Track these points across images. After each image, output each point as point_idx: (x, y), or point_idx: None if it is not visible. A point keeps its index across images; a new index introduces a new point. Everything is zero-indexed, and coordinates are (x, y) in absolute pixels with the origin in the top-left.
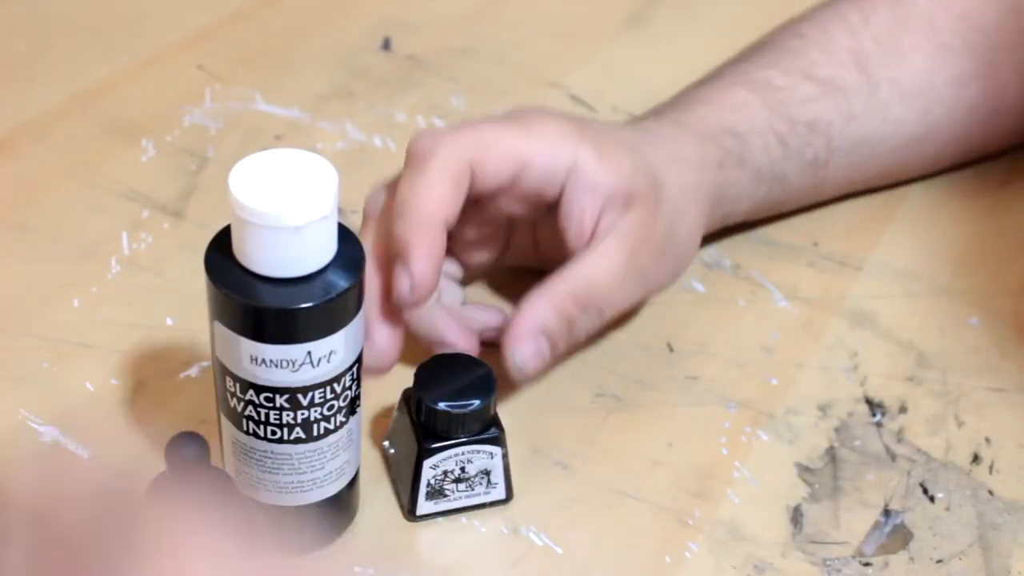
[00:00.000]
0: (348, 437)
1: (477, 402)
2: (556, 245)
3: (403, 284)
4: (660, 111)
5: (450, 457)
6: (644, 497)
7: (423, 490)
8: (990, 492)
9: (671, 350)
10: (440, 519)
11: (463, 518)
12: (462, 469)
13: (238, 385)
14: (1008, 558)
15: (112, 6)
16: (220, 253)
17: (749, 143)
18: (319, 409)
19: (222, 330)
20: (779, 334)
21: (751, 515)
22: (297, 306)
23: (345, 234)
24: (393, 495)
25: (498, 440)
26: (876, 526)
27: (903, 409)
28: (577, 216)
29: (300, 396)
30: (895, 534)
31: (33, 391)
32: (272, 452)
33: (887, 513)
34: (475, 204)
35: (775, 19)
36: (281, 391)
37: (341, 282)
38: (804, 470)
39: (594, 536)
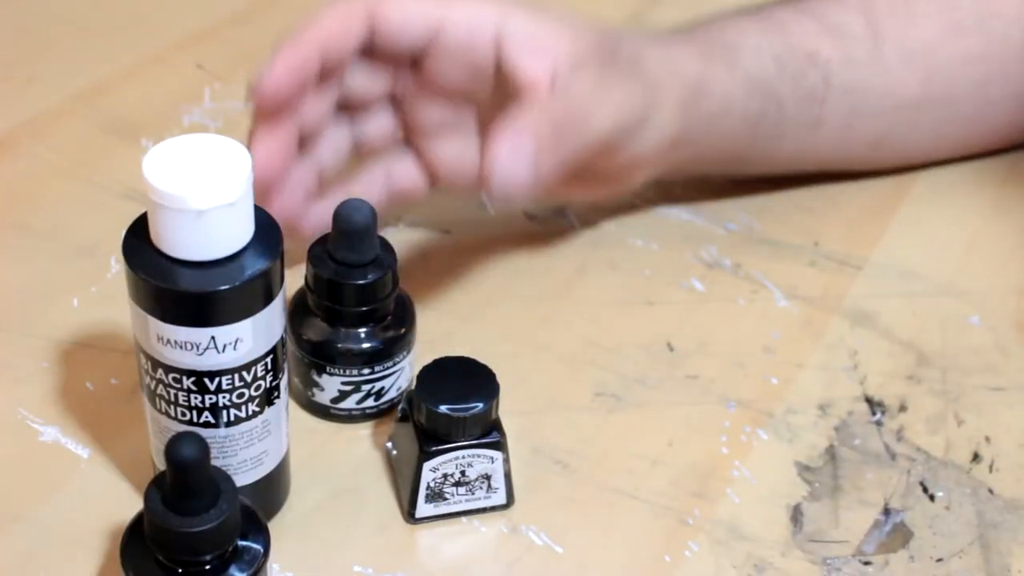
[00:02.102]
0: (264, 427)
1: (479, 406)
2: None
3: (255, 84)
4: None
5: (450, 460)
6: (644, 496)
7: (423, 492)
8: (990, 491)
9: (671, 349)
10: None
11: (463, 518)
12: (462, 473)
13: (149, 363)
14: (1008, 557)
15: (112, 6)
16: (140, 235)
17: (740, 51)
18: (227, 396)
19: (134, 308)
20: (779, 333)
21: (751, 514)
22: (199, 290)
23: (265, 224)
24: (394, 496)
25: (499, 445)
26: (876, 525)
27: (903, 408)
28: (526, 70)
29: (207, 380)
30: (895, 533)
31: (33, 391)
32: None
33: (887, 512)
34: (418, 77)
35: None
36: (187, 373)
37: (248, 271)
38: (804, 469)
39: (594, 536)
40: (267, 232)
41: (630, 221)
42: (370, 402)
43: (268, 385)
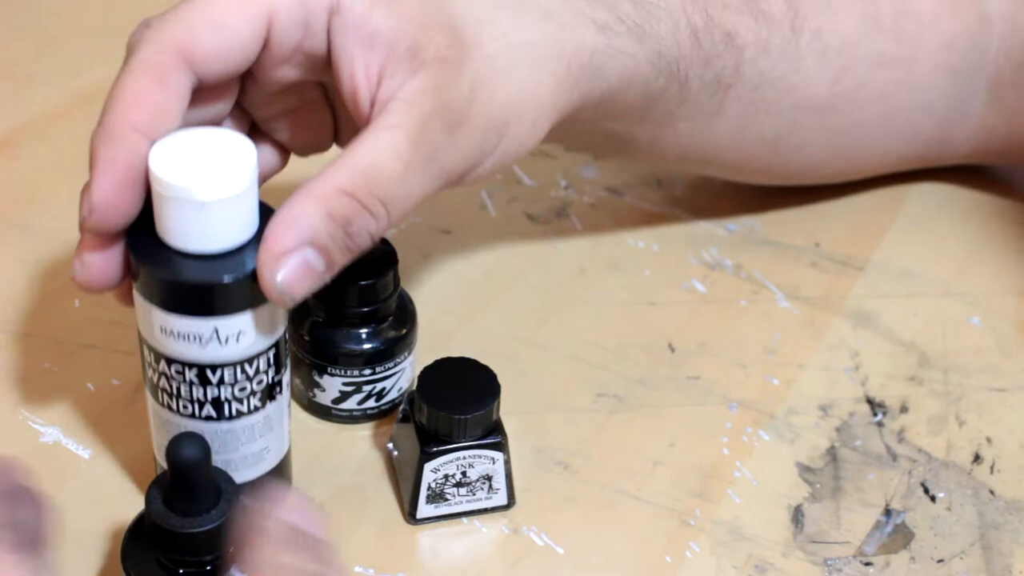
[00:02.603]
0: (266, 423)
1: (480, 407)
2: None
3: (84, 206)
4: None
5: (451, 461)
6: (645, 497)
7: (424, 493)
8: (991, 492)
9: (672, 350)
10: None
11: (464, 519)
12: (463, 473)
13: (152, 355)
14: (1009, 558)
15: (112, 6)
16: (145, 227)
17: (655, 15)
18: (230, 389)
19: (139, 298)
20: (781, 334)
21: (752, 515)
22: (203, 280)
23: (267, 216)
24: (395, 497)
25: (500, 446)
26: (877, 526)
27: (904, 409)
28: (348, 71)
29: (209, 372)
30: (896, 534)
31: (34, 391)
32: (185, 427)
33: (888, 513)
34: (257, 81)
35: None
36: (190, 365)
37: (252, 263)
38: (805, 470)
39: (595, 536)
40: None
41: (631, 222)
42: (371, 403)
43: (270, 380)
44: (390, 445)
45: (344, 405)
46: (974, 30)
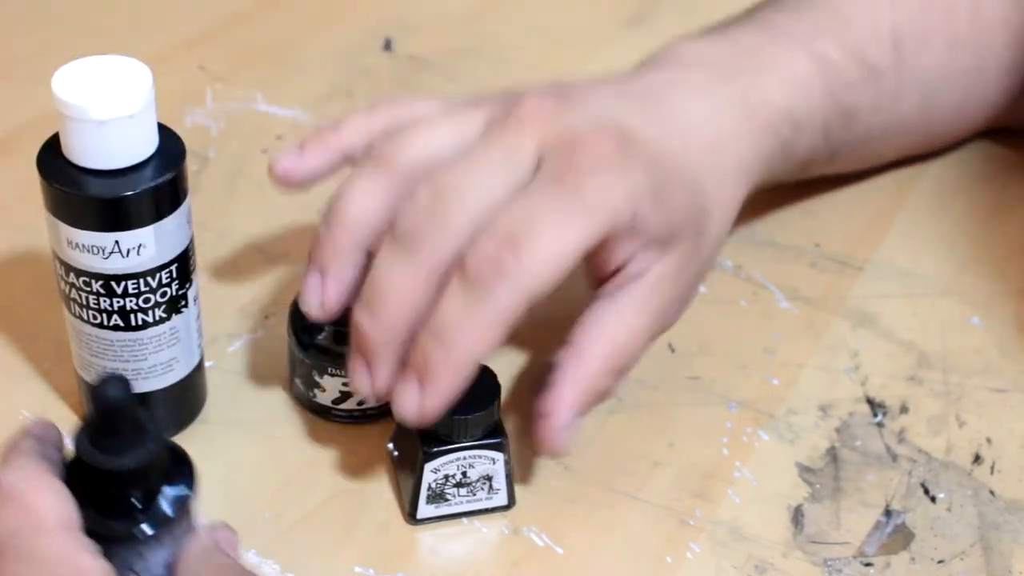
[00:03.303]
0: (172, 334)
1: (481, 407)
2: None
3: (313, 299)
4: (722, 53)
5: (452, 461)
6: (645, 497)
7: (424, 494)
8: (991, 492)
9: (672, 350)
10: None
11: (464, 519)
12: (464, 474)
13: (63, 268)
14: (1009, 558)
15: (112, 6)
16: (54, 148)
17: (802, 133)
18: (134, 300)
19: (48, 216)
20: (780, 334)
21: (752, 515)
22: (102, 195)
23: (168, 137)
24: (395, 498)
25: (501, 446)
26: (877, 526)
27: (904, 409)
28: (606, 258)
29: (114, 284)
30: (896, 534)
31: (34, 392)
32: (97, 336)
33: (888, 513)
34: None
35: None
36: (95, 276)
37: (149, 180)
38: (805, 470)
39: (595, 536)
40: (170, 147)
41: None
42: (371, 404)
43: (174, 293)
44: (390, 445)
45: (344, 406)
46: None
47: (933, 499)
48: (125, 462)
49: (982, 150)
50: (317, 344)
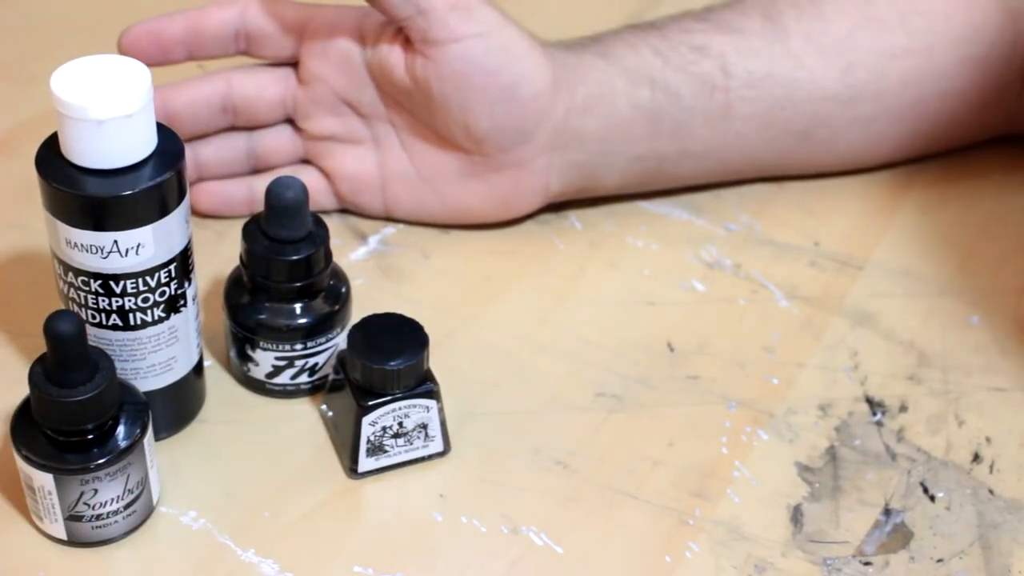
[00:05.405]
0: (171, 333)
1: (411, 358)
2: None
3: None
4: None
5: (388, 413)
6: (644, 497)
7: (363, 447)
8: (990, 491)
9: (671, 350)
10: (438, 516)
11: (463, 517)
12: (400, 424)
13: (61, 267)
14: (1008, 557)
15: (112, 6)
16: (52, 148)
17: (609, 44)
18: (133, 299)
19: (47, 215)
20: (780, 334)
21: (751, 515)
22: (101, 195)
23: (166, 137)
24: (336, 458)
25: (433, 393)
26: (876, 525)
27: (903, 408)
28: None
29: (112, 283)
30: (895, 533)
31: None
32: (95, 336)
33: (887, 512)
34: (301, 86)
35: None
36: (94, 276)
37: (147, 180)
38: (804, 469)
39: (594, 536)
40: (169, 146)
41: (630, 221)
42: (304, 378)
43: (173, 292)
44: (323, 407)
45: (278, 380)
46: (998, 23)
47: (932, 498)
48: (76, 395)
49: (982, 150)
50: (250, 318)
